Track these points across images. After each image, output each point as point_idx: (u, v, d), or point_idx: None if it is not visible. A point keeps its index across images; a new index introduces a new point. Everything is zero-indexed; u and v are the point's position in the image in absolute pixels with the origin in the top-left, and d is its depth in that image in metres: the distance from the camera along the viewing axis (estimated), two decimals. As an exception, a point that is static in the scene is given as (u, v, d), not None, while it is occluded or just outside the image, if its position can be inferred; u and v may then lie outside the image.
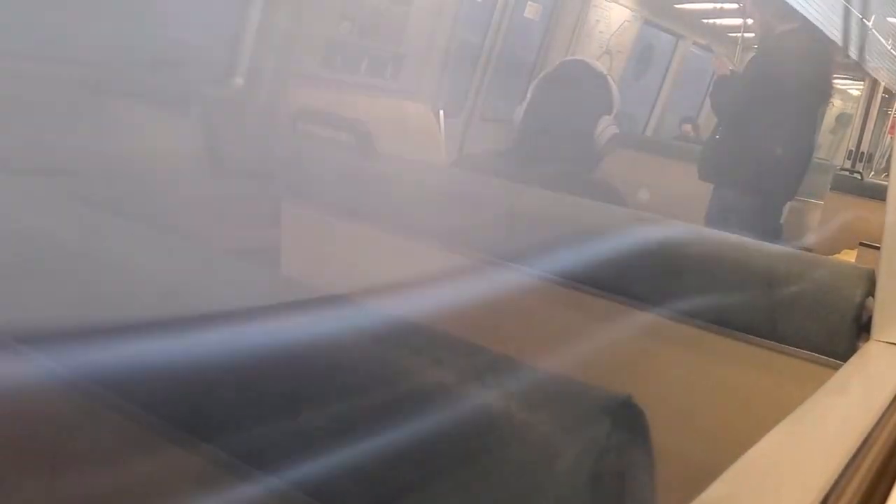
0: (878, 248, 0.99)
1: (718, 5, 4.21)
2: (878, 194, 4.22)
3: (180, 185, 2.42)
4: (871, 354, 0.94)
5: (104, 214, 0.66)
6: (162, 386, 0.53)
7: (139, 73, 2.55)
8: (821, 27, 2.72)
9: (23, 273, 0.63)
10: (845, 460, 0.63)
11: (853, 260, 2.92)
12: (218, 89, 2.91)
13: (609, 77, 1.61)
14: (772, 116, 2.63)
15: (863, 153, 5.89)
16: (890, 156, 5.99)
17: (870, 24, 4.28)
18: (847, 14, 3.58)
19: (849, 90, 7.19)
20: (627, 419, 0.41)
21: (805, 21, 2.66)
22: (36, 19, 2.26)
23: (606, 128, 1.58)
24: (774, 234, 2.75)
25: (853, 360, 0.93)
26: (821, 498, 0.55)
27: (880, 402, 0.77)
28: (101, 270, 0.60)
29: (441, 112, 3.74)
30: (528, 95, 1.60)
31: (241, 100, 2.94)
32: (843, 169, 5.04)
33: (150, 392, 0.52)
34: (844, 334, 0.97)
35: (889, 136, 6.95)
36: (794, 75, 2.60)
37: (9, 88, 2.21)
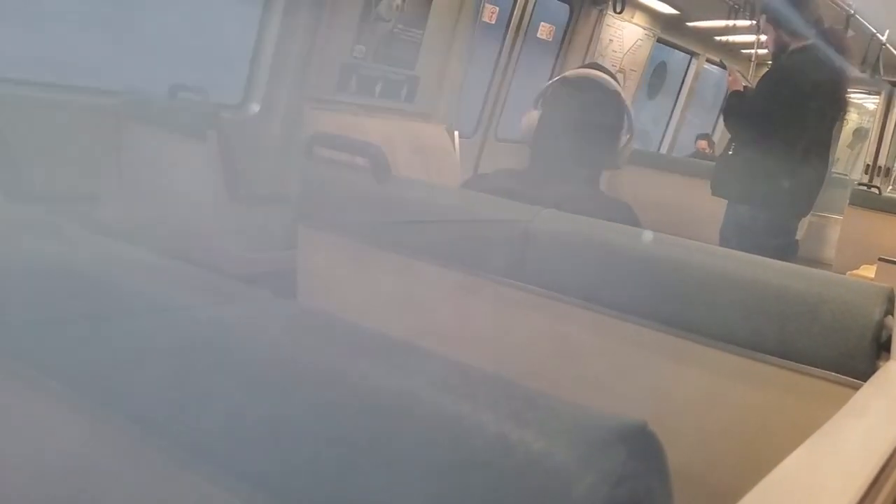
0: None
1: (731, 23, 4.21)
2: (898, 209, 4.19)
3: (198, 209, 2.44)
4: (891, 374, 0.93)
5: (122, 238, 0.66)
6: (180, 413, 0.53)
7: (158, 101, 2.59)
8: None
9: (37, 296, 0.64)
10: (868, 482, 0.62)
11: (872, 275, 2.89)
12: (235, 114, 2.95)
13: (622, 94, 1.60)
14: (786, 132, 2.62)
15: (880, 167, 5.85)
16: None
17: (884, 38, 4.26)
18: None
19: (865, 104, 7.15)
20: (643, 447, 0.41)
21: (818, 37, 2.66)
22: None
23: (625, 146, 1.59)
24: (790, 251, 2.73)
25: (873, 380, 0.92)
26: (844, 522, 0.54)
27: (902, 423, 0.76)
28: (114, 294, 0.60)
29: (456, 133, 3.75)
30: (540, 111, 1.59)
31: (257, 125, 2.97)
32: (860, 183, 5.00)
33: (169, 418, 0.52)
34: (864, 354, 0.97)
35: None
36: (807, 91, 2.60)
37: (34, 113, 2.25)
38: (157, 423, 0.52)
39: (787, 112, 2.60)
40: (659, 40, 5.15)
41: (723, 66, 4.99)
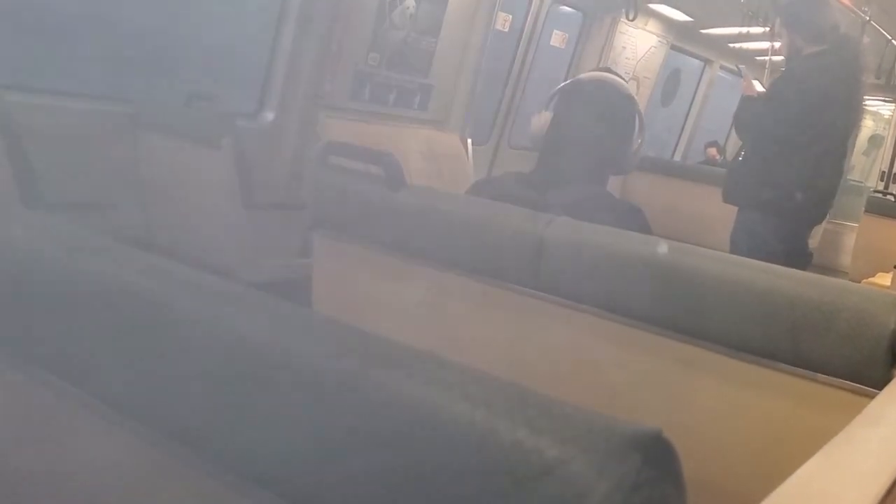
0: None
1: (745, 29, 4.19)
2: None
3: (213, 217, 2.46)
4: (907, 382, 0.93)
5: (138, 246, 0.67)
6: (199, 420, 0.54)
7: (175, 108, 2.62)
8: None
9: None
10: (884, 490, 0.62)
11: (888, 283, 2.87)
12: (250, 123, 2.97)
13: (635, 97, 1.60)
14: (797, 138, 2.59)
15: (896, 174, 5.80)
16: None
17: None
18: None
19: (880, 111, 7.09)
20: (658, 454, 0.41)
21: (834, 43, 2.64)
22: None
23: (636, 150, 1.58)
24: (802, 259, 2.69)
25: (889, 388, 0.92)
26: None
27: (918, 432, 0.76)
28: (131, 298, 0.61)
29: (469, 140, 3.76)
30: (551, 115, 1.58)
31: (272, 133, 2.99)
32: (876, 191, 4.97)
33: (188, 428, 0.53)
34: (879, 362, 0.96)
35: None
36: (821, 97, 2.57)
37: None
38: (187, 434, 0.53)
39: (798, 117, 2.57)
40: (672, 47, 5.14)
41: (739, 74, 4.97)
